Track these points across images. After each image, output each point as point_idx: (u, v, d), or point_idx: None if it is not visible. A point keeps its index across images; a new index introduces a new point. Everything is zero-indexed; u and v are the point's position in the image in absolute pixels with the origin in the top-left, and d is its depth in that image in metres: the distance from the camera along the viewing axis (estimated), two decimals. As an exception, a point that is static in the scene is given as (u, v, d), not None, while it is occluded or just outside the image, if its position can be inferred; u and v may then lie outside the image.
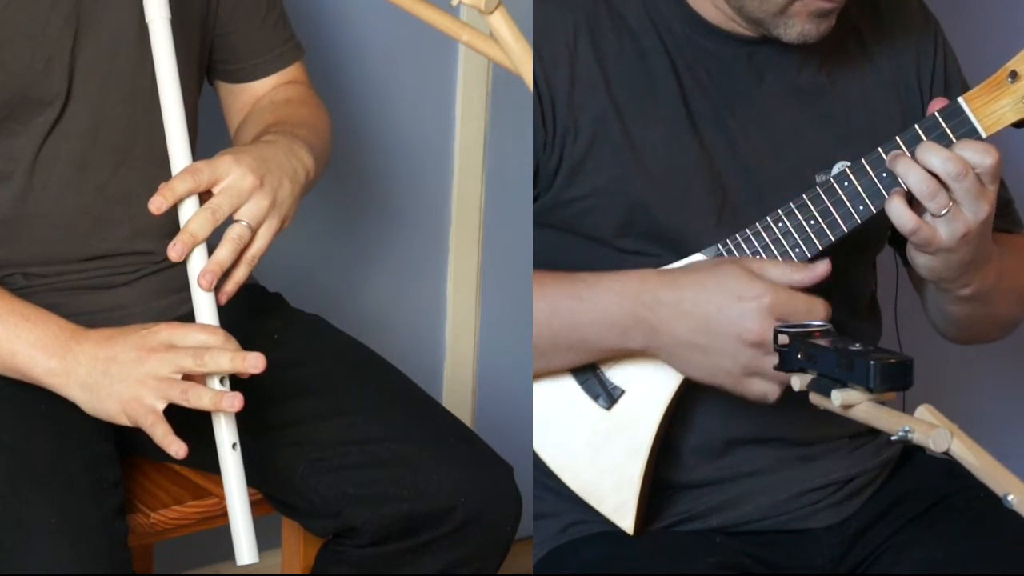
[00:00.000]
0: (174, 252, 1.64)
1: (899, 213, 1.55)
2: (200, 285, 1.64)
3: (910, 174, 1.55)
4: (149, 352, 1.60)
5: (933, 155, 1.54)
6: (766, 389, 1.56)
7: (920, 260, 1.60)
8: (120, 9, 1.75)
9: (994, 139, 1.57)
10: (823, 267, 1.57)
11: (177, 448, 1.59)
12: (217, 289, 1.66)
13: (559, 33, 1.65)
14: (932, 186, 1.54)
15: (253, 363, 1.60)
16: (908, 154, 1.56)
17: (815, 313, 1.54)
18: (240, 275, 1.69)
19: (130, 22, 1.75)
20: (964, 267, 1.60)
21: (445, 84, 2.51)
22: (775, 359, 1.53)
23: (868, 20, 1.74)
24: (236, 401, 1.59)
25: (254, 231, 1.69)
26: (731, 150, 1.66)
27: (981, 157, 1.54)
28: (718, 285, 1.55)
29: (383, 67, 2.43)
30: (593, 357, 1.62)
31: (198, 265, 1.65)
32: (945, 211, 1.54)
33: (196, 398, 1.59)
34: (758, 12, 1.62)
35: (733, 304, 1.54)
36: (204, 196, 1.68)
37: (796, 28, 1.61)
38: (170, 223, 1.69)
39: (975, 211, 1.55)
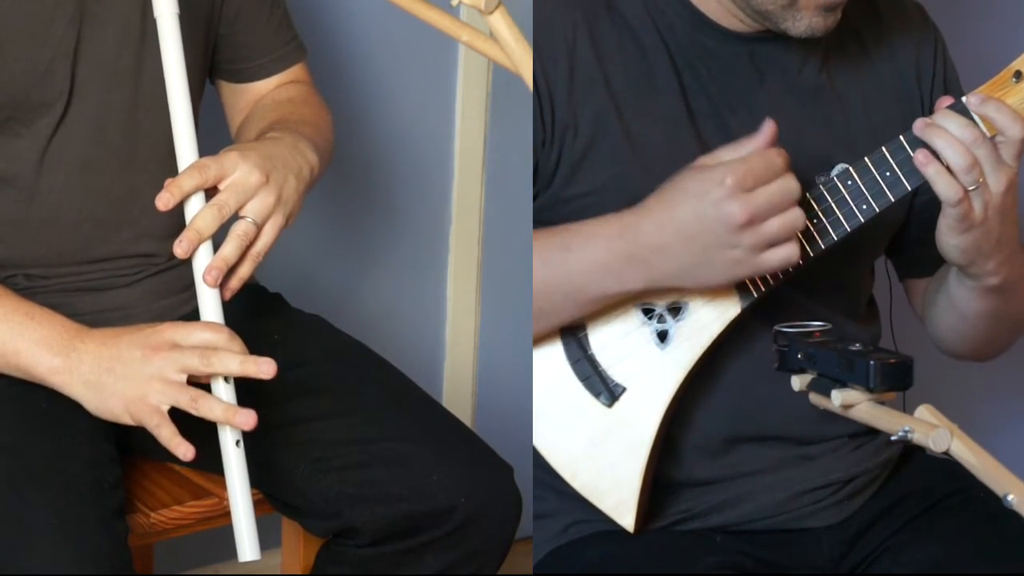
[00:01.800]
0: (180, 249, 1.64)
1: (946, 183, 1.54)
2: (205, 281, 1.64)
3: (949, 148, 1.54)
4: (154, 351, 1.60)
5: (951, 121, 1.55)
6: (783, 254, 1.54)
7: (954, 241, 1.58)
8: (123, 10, 1.75)
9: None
10: (768, 127, 1.55)
11: (184, 450, 1.59)
12: (222, 286, 1.66)
13: (558, 31, 1.65)
14: (970, 159, 1.54)
15: (266, 369, 1.60)
16: (941, 127, 1.55)
17: (772, 159, 1.53)
18: (245, 271, 1.69)
19: (133, 23, 1.75)
20: (995, 245, 1.59)
21: (445, 84, 2.51)
22: (777, 222, 1.52)
23: (867, 23, 1.74)
24: (250, 419, 1.60)
25: (259, 228, 1.69)
26: (731, 149, 1.66)
27: (1009, 123, 1.54)
28: (682, 192, 1.54)
29: (383, 67, 2.43)
30: (594, 306, 1.61)
31: (203, 262, 1.65)
32: (975, 186, 1.54)
33: (207, 409, 1.60)
34: (766, 5, 1.61)
35: (703, 201, 1.53)
36: (210, 193, 1.68)
37: (804, 21, 1.61)
38: (173, 224, 1.69)
39: (995, 181, 1.55)
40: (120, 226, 1.80)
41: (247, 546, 1.62)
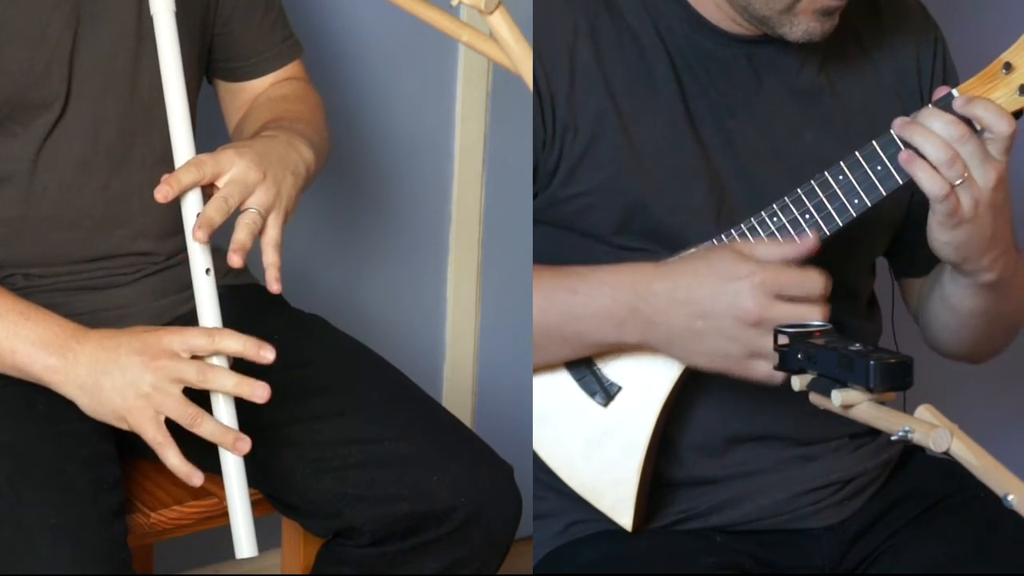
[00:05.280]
0: (199, 234, 1.63)
1: (931, 179, 1.54)
2: (231, 262, 1.64)
3: (927, 143, 1.54)
4: (152, 358, 1.60)
5: (936, 119, 1.54)
6: (769, 372, 1.54)
7: (944, 237, 1.57)
8: (120, 10, 1.75)
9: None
10: (810, 241, 1.56)
11: (197, 480, 1.61)
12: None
13: (559, 32, 1.65)
14: (950, 153, 1.53)
15: (260, 394, 1.61)
16: (921, 124, 1.55)
17: (810, 283, 1.53)
18: (273, 259, 1.69)
19: (130, 24, 1.76)
20: (988, 242, 1.58)
21: (445, 84, 2.51)
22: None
23: (868, 22, 1.74)
24: (244, 446, 1.60)
25: (264, 218, 1.69)
26: (730, 151, 1.66)
27: (996, 120, 1.54)
28: (709, 269, 1.55)
29: (383, 67, 2.43)
30: (589, 351, 1.62)
31: (201, 260, 1.65)
32: (960, 180, 1.54)
33: (207, 431, 1.60)
34: (764, 10, 1.61)
35: (725, 285, 1.53)
36: (206, 191, 1.68)
37: (801, 26, 1.61)
38: (170, 224, 1.69)
39: (983, 177, 1.54)
40: (117, 225, 1.80)
41: (244, 543, 1.62)
